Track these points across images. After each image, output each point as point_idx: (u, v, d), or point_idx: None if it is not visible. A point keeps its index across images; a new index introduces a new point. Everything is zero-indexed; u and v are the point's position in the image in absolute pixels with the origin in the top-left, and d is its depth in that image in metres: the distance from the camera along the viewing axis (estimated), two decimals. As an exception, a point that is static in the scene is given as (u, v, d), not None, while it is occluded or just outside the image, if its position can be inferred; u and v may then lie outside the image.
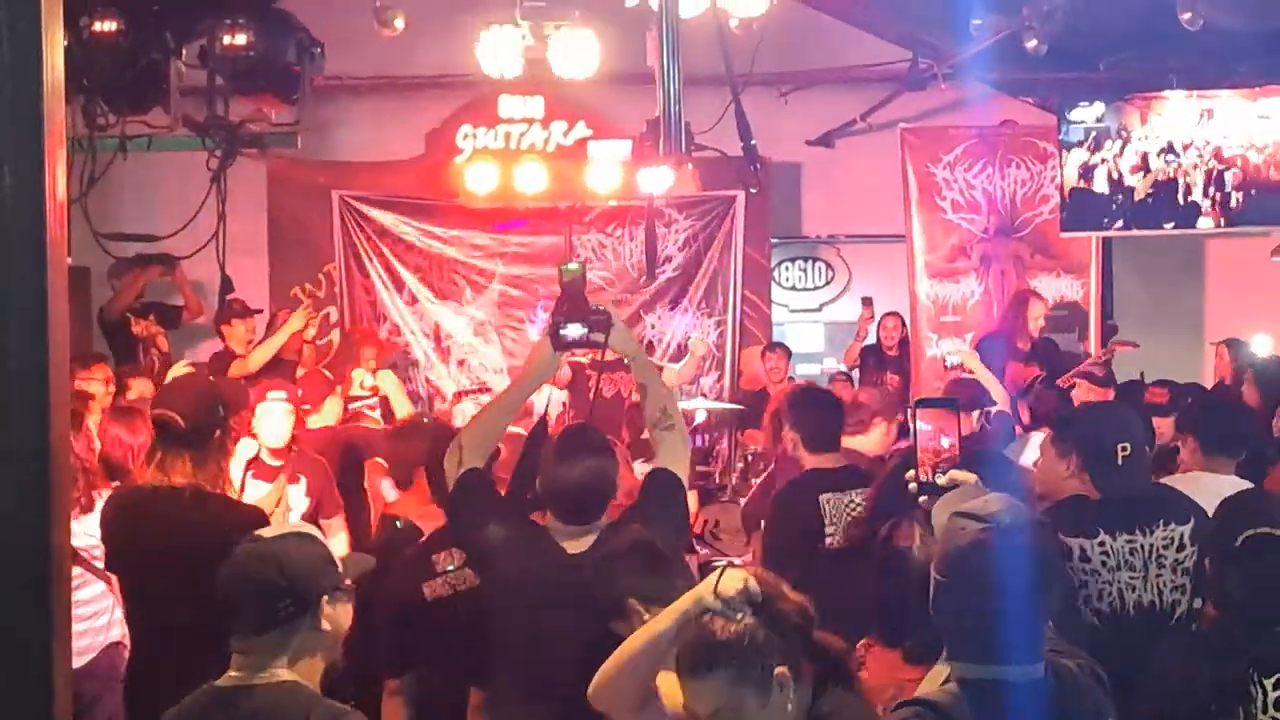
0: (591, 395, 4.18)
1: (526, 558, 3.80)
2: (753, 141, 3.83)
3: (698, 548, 6.68)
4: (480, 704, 4.16)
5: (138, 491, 4.62)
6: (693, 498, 5.19)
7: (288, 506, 5.78)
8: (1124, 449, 4.45)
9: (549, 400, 4.75)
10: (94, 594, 5.82)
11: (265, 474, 5.84)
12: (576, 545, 3.80)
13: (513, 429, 4.45)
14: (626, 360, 4.11)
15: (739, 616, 2.68)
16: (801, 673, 2.69)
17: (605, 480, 3.84)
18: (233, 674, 2.97)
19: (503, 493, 4.14)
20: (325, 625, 2.97)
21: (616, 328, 3.91)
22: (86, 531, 5.74)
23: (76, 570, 5.60)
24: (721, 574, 2.75)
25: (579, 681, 3.18)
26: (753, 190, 4.16)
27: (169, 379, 6.42)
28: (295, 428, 6.08)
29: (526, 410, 4.76)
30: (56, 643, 2.62)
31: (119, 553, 4.68)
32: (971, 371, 7.66)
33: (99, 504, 5.74)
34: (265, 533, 3.11)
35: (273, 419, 5.87)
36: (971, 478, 2.92)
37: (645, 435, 4.44)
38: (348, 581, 3.04)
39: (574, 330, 3.86)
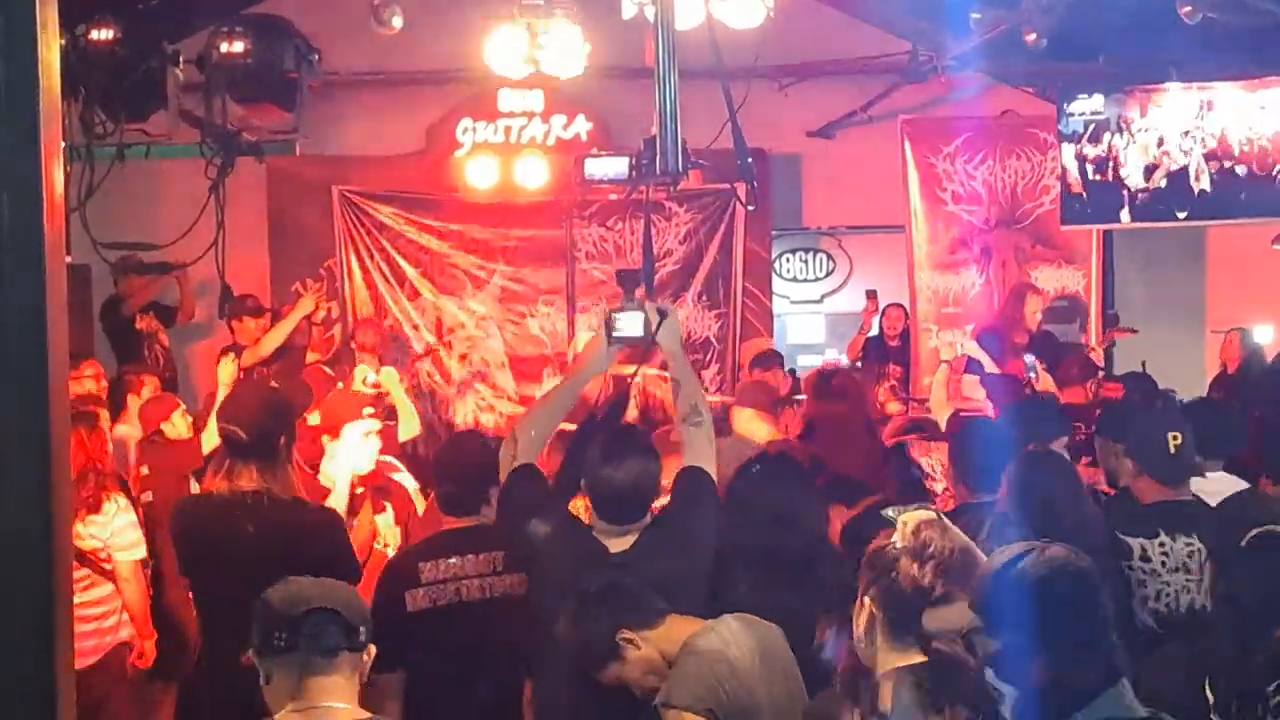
0: (608, 392, 4.22)
1: (570, 557, 3.85)
2: (749, 160, 3.84)
3: None
4: (531, 697, 4.23)
5: (209, 498, 4.64)
6: None
7: (385, 542, 5.61)
8: (1175, 438, 4.52)
9: (600, 394, 4.76)
10: (102, 595, 5.88)
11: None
12: (619, 544, 3.87)
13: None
14: (666, 354, 4.15)
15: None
16: None
17: (650, 482, 3.91)
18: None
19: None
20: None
21: (668, 323, 4.00)
22: (93, 534, 5.78)
23: (84, 572, 5.66)
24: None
25: None
26: (750, 207, 4.18)
27: (232, 389, 6.36)
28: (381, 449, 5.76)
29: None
30: (59, 648, 2.66)
31: (193, 558, 4.68)
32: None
33: (106, 506, 5.81)
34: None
35: (357, 447, 5.51)
36: (930, 515, 2.89)
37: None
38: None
39: (629, 326, 3.93)
